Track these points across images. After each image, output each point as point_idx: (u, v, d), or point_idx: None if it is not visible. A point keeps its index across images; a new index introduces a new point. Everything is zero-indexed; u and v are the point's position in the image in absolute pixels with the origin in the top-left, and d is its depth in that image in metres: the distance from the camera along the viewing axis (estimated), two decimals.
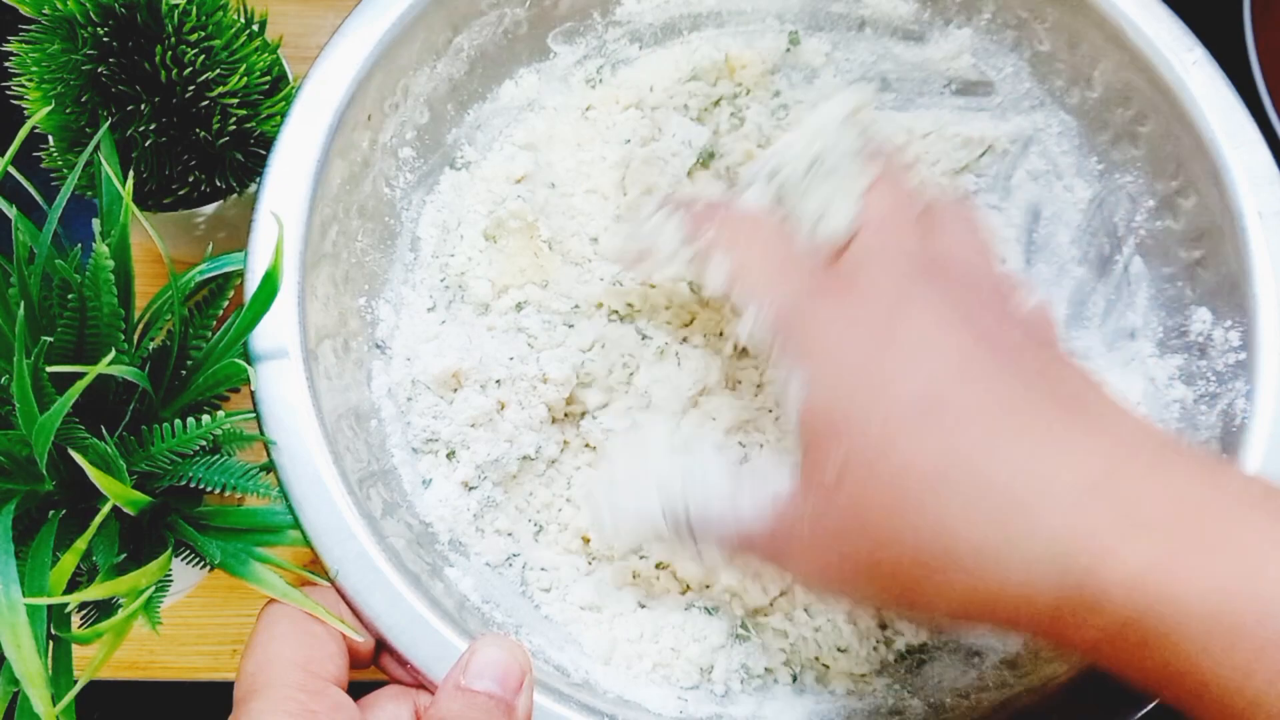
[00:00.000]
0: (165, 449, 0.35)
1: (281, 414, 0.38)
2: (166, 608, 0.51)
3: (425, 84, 0.49)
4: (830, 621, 0.46)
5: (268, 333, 0.39)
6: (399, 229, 0.49)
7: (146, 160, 0.48)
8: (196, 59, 0.46)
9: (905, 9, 0.53)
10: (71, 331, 0.35)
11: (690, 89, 0.53)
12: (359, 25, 0.45)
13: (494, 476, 0.46)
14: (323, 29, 0.61)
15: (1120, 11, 0.47)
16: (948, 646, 0.46)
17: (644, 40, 0.54)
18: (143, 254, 0.47)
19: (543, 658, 0.43)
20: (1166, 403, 0.46)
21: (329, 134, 0.43)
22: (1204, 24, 0.47)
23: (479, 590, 0.44)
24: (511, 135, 0.52)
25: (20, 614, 0.31)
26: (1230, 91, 0.46)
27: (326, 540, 0.37)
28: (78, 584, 0.34)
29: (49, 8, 0.43)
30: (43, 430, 0.32)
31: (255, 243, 0.40)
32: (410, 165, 0.49)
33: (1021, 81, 0.52)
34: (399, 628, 0.37)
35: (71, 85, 0.45)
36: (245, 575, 0.35)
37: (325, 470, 0.38)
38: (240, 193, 0.51)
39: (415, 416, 0.46)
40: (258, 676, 0.33)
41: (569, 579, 0.46)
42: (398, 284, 0.49)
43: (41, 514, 0.35)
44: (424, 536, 0.44)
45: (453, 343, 0.47)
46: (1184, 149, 0.46)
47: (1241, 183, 0.44)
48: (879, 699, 0.44)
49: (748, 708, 0.44)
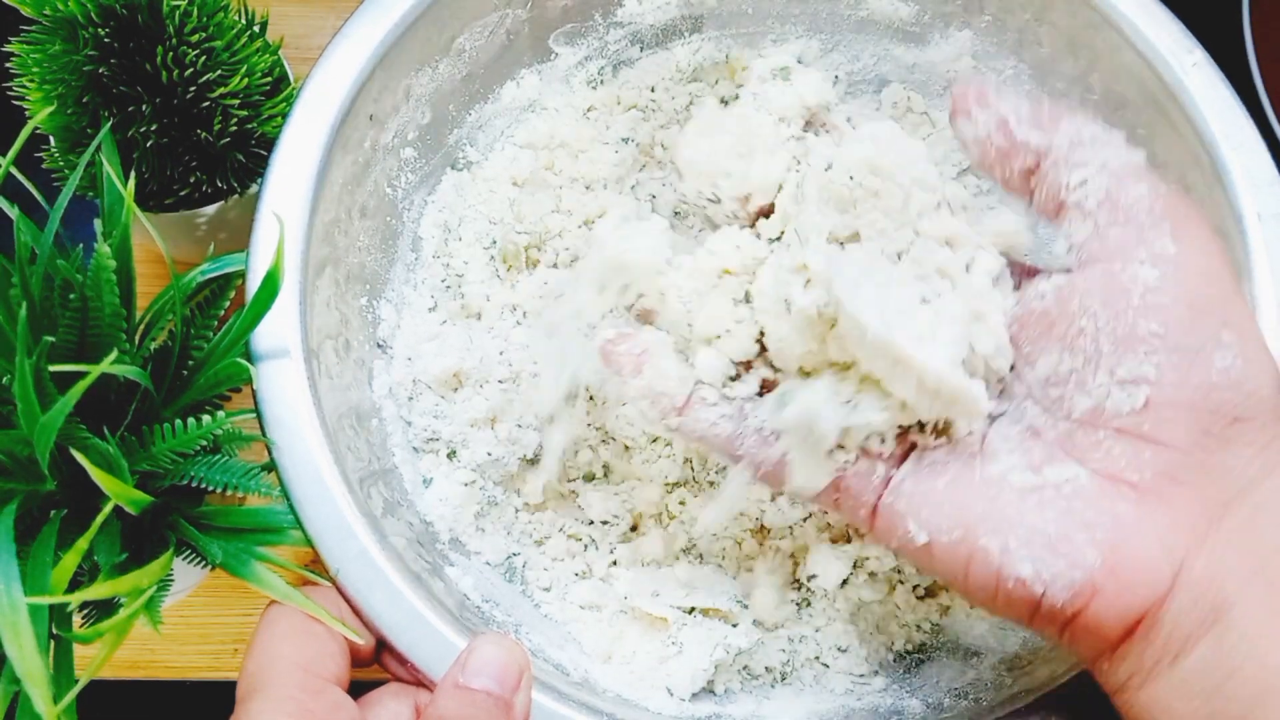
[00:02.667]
0: (167, 449, 0.35)
1: (283, 413, 0.39)
2: (167, 607, 0.51)
3: (427, 85, 0.49)
4: (830, 621, 0.46)
5: (269, 332, 0.39)
6: (400, 229, 0.50)
7: (148, 161, 0.48)
8: (198, 60, 0.46)
9: (906, 10, 0.53)
10: (73, 331, 0.35)
11: (691, 90, 0.53)
12: (360, 26, 0.45)
13: (494, 476, 0.46)
14: (324, 30, 0.62)
15: (1120, 14, 0.47)
16: (946, 647, 0.46)
17: (645, 41, 0.54)
18: (144, 254, 0.47)
19: (542, 656, 0.43)
20: None
21: (330, 135, 0.43)
22: (1203, 26, 0.47)
23: (479, 589, 0.44)
24: (513, 136, 0.53)
25: (22, 613, 0.31)
26: (1230, 93, 0.46)
27: (327, 539, 0.37)
28: (79, 583, 0.35)
29: (50, 8, 0.43)
30: (45, 430, 0.32)
31: (257, 243, 0.41)
32: (412, 165, 0.50)
33: (1022, 83, 0.52)
34: (399, 626, 0.37)
35: (73, 86, 0.46)
36: (246, 575, 0.35)
37: (326, 469, 0.38)
38: (241, 193, 0.51)
39: (416, 416, 0.46)
40: (258, 676, 0.33)
41: (569, 578, 0.47)
42: (399, 284, 0.49)
43: (43, 513, 0.35)
44: (424, 535, 0.44)
45: (454, 342, 0.47)
46: (1184, 151, 0.46)
47: (1241, 184, 0.44)
48: (878, 699, 0.44)
49: (747, 707, 0.44)
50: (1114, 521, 0.32)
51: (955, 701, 0.42)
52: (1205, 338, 0.32)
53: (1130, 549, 0.31)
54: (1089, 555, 0.31)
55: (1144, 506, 0.32)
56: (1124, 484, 0.32)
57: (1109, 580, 0.31)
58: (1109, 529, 0.32)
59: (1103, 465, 0.32)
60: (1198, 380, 0.31)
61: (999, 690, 0.41)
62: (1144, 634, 0.31)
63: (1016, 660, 0.43)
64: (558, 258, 0.50)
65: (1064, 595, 0.32)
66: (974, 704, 0.41)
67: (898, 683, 0.45)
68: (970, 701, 0.41)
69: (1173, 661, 0.31)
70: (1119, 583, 0.31)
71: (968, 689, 0.43)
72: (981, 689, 0.42)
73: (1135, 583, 0.31)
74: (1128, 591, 0.31)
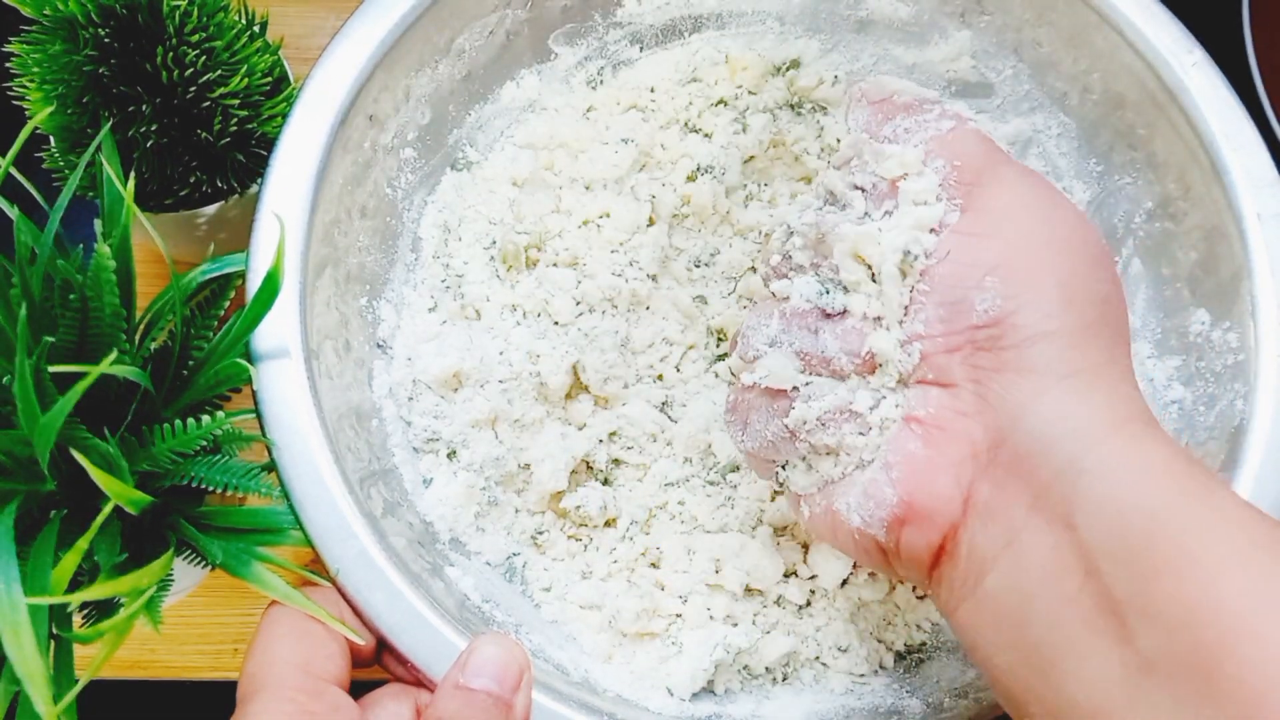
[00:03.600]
0: (167, 449, 0.35)
1: (283, 414, 0.39)
2: (167, 607, 0.51)
3: (427, 85, 0.49)
4: (830, 621, 0.46)
5: (269, 333, 0.39)
6: (400, 229, 0.50)
7: (148, 161, 0.48)
8: (198, 60, 0.46)
9: (905, 10, 0.53)
10: (73, 332, 0.35)
11: (691, 90, 0.53)
12: (360, 26, 0.45)
13: (494, 476, 0.46)
14: (324, 30, 0.62)
15: (1120, 13, 0.47)
16: (946, 646, 0.46)
17: (645, 42, 0.54)
18: (144, 254, 0.47)
19: (542, 656, 0.43)
20: (1165, 404, 0.46)
21: (331, 135, 0.43)
22: (1203, 26, 0.47)
23: (479, 589, 0.44)
24: (513, 136, 0.53)
25: (22, 613, 0.31)
26: (1230, 93, 0.46)
27: (327, 539, 0.37)
28: (79, 583, 0.35)
29: (50, 8, 0.43)
30: (45, 430, 0.32)
31: (257, 243, 0.41)
32: (412, 166, 0.50)
33: (1021, 83, 0.52)
34: (399, 626, 0.37)
35: (73, 86, 0.46)
36: (246, 576, 0.35)
37: (326, 470, 0.38)
38: (241, 193, 0.51)
39: (416, 416, 0.46)
40: (258, 677, 0.33)
41: (569, 579, 0.47)
42: (399, 284, 0.49)
43: (43, 514, 0.35)
44: (425, 536, 0.44)
45: (453, 343, 0.47)
46: (1183, 151, 0.46)
47: (1241, 184, 0.44)
48: (878, 698, 0.44)
49: (747, 707, 0.44)
50: (907, 459, 0.35)
51: (955, 701, 0.42)
52: (969, 288, 0.35)
53: (921, 481, 0.35)
54: (888, 493, 0.35)
55: (932, 441, 0.35)
56: (916, 423, 0.35)
57: (908, 512, 0.35)
58: (903, 466, 0.35)
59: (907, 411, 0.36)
60: (961, 324, 0.35)
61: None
62: (949, 558, 0.35)
63: None
64: (558, 258, 0.50)
65: (881, 533, 0.35)
66: (974, 704, 0.41)
67: (898, 683, 0.45)
68: (970, 701, 0.42)
69: (975, 584, 0.34)
70: (915, 513, 0.35)
71: (968, 689, 0.43)
72: (981, 689, 0.42)
73: (931, 511, 0.34)
74: (925, 521, 0.35)
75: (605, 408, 0.49)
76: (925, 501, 0.34)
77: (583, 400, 0.49)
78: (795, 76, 0.54)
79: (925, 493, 0.34)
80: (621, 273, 0.49)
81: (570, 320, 0.49)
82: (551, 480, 0.46)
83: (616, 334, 0.49)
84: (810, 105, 0.54)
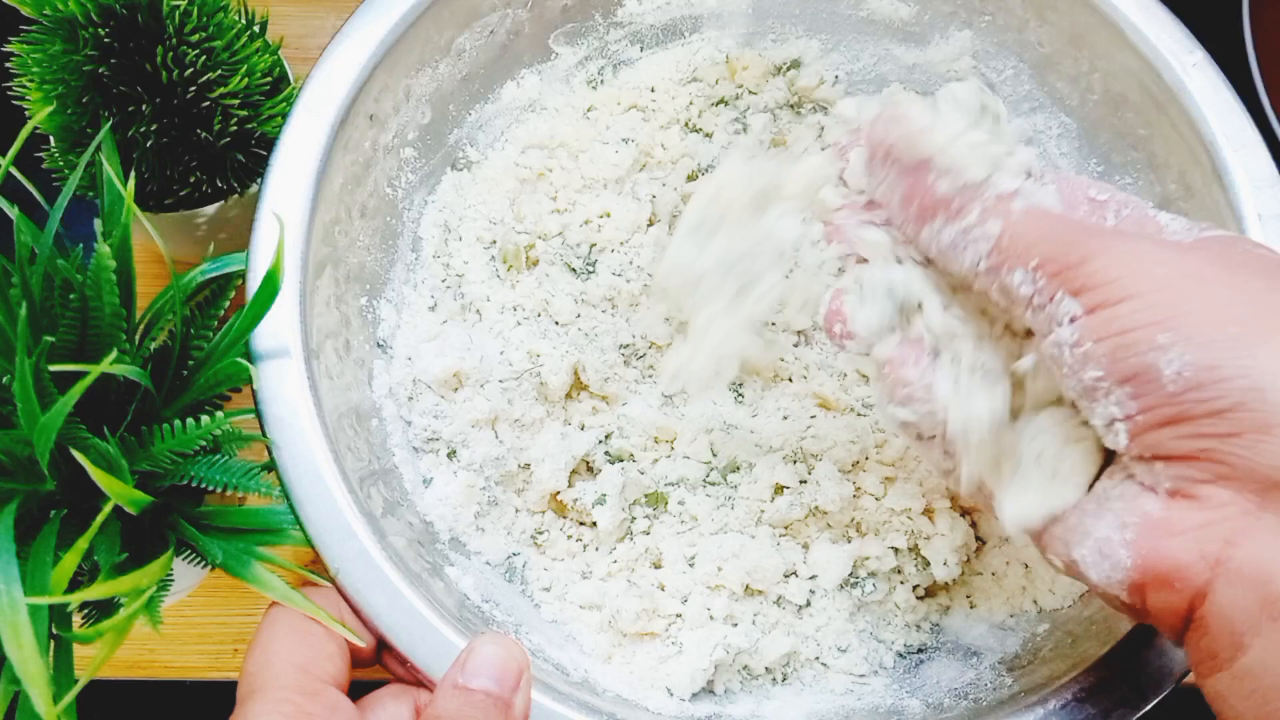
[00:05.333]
0: (167, 448, 0.35)
1: (283, 413, 0.39)
2: (167, 607, 0.51)
3: (427, 84, 0.49)
4: (830, 621, 0.46)
5: (269, 332, 0.39)
6: (401, 229, 0.50)
7: (148, 161, 0.48)
8: (198, 60, 0.46)
9: (906, 10, 0.53)
10: (73, 331, 0.35)
11: (691, 90, 0.53)
12: (360, 26, 0.45)
13: (494, 476, 0.46)
14: (324, 30, 0.62)
15: (1121, 14, 0.47)
16: (946, 646, 0.46)
17: (645, 41, 0.54)
18: (144, 254, 0.47)
19: (542, 656, 0.43)
20: None
21: (331, 135, 0.43)
22: (1203, 26, 0.47)
23: (479, 589, 0.44)
24: (513, 136, 0.53)
25: (22, 613, 0.31)
26: (1231, 94, 0.46)
27: (327, 539, 0.37)
28: (79, 583, 0.35)
29: (50, 8, 0.43)
30: (45, 430, 0.32)
31: (257, 243, 0.41)
32: (412, 165, 0.50)
33: (1022, 83, 0.52)
34: (399, 626, 0.37)
35: (73, 86, 0.46)
36: (246, 576, 0.35)
37: (326, 469, 0.38)
38: (241, 193, 0.51)
39: (416, 416, 0.46)
40: (257, 677, 0.33)
41: (569, 579, 0.47)
42: (399, 284, 0.49)
43: (43, 513, 0.35)
44: (424, 535, 0.44)
45: (454, 342, 0.47)
46: (1184, 151, 0.46)
47: (1242, 185, 0.44)
48: (878, 698, 0.44)
49: (747, 707, 0.44)
50: (1144, 520, 0.32)
51: (955, 701, 0.42)
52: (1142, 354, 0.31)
53: (1158, 546, 0.32)
54: (1121, 555, 0.32)
55: (1173, 503, 0.32)
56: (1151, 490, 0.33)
57: (1146, 578, 0.32)
58: (1138, 528, 0.32)
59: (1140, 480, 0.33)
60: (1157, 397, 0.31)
61: (999, 690, 0.41)
62: (1198, 627, 0.31)
63: (1016, 660, 0.43)
64: (558, 258, 0.50)
65: (1123, 594, 0.33)
66: (974, 704, 0.41)
67: (898, 683, 0.45)
68: (970, 701, 0.42)
69: (1231, 657, 0.31)
70: (1154, 580, 0.32)
71: (968, 689, 0.43)
72: (981, 689, 0.42)
73: (1170, 579, 0.31)
74: (1165, 588, 0.31)
75: (605, 407, 0.49)
76: (1160, 566, 0.31)
77: (583, 400, 0.49)
78: (795, 76, 0.54)
79: (1160, 557, 0.31)
80: (621, 273, 0.49)
81: (570, 320, 0.49)
82: (551, 480, 0.46)
83: (616, 334, 0.49)
84: (811, 105, 0.54)
